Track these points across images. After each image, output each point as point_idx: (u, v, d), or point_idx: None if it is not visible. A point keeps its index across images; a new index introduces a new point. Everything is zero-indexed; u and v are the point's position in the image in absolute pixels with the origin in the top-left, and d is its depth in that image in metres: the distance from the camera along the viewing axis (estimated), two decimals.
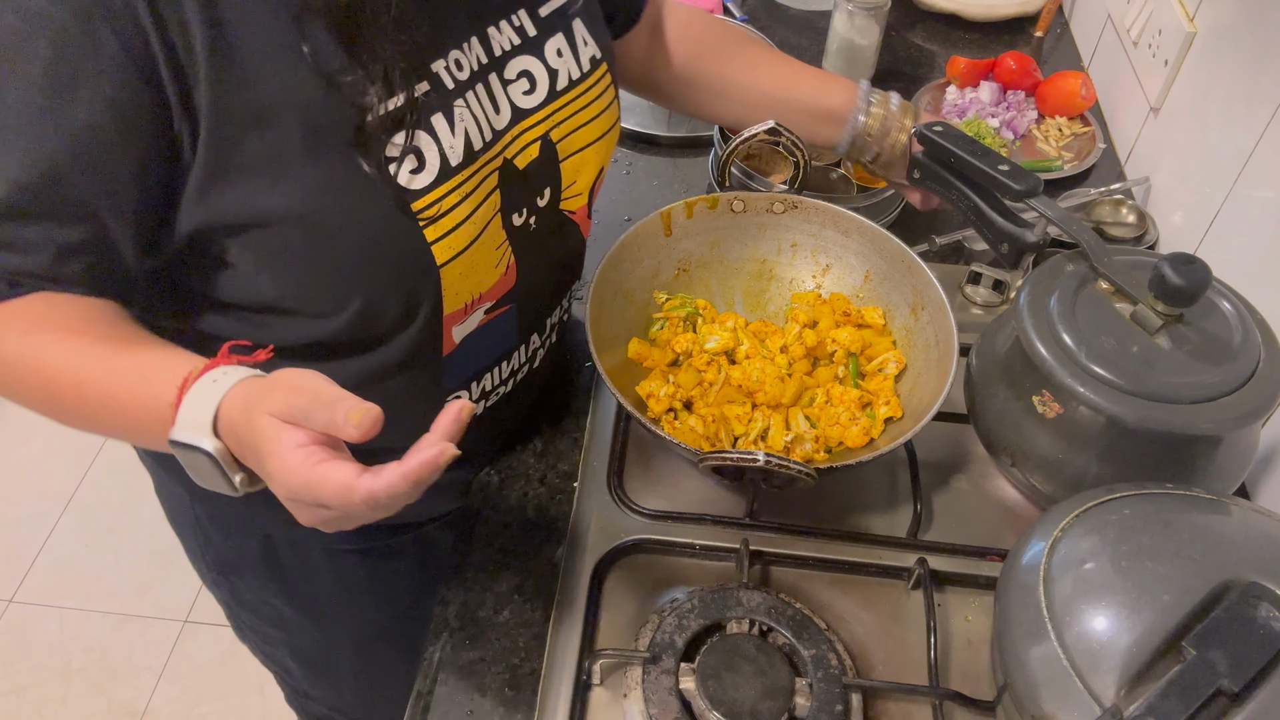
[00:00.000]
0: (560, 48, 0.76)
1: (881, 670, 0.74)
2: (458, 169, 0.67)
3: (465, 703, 0.74)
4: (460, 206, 0.68)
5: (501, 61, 0.72)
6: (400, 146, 0.64)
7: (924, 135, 0.88)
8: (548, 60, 0.75)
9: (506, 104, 0.72)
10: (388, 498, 0.50)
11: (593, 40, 0.79)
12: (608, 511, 0.83)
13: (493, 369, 0.81)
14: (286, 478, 0.52)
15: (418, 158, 0.65)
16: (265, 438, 0.52)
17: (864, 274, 0.93)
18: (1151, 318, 0.73)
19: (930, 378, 0.84)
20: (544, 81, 0.75)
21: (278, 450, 0.52)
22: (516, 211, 0.74)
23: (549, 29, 0.75)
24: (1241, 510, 0.67)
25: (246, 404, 0.55)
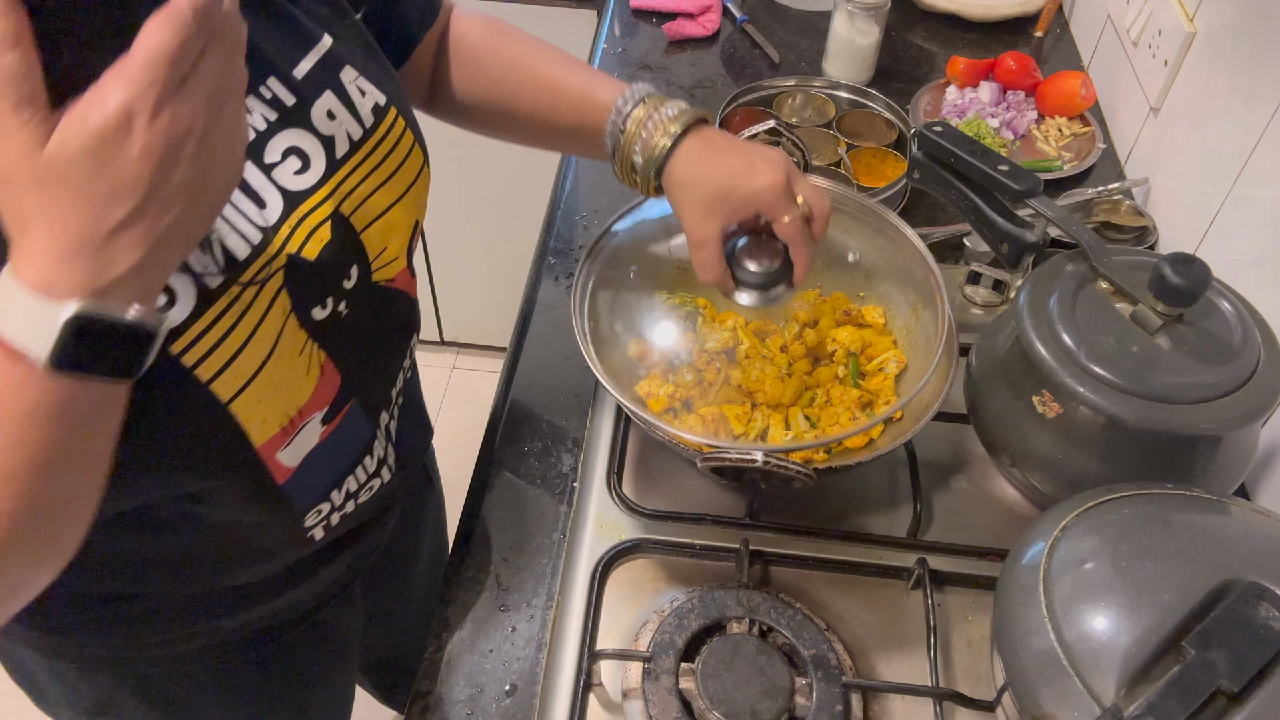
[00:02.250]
0: (331, 108, 0.64)
1: (881, 670, 0.74)
2: (221, 290, 0.56)
3: (465, 703, 0.74)
4: (236, 330, 0.57)
5: (257, 146, 0.60)
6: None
7: (924, 135, 0.88)
8: (317, 128, 0.63)
9: (275, 192, 0.60)
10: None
11: (371, 85, 0.67)
12: (608, 511, 0.83)
13: (354, 470, 0.72)
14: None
15: (165, 291, 0.53)
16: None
17: (865, 274, 0.93)
18: (1151, 318, 0.73)
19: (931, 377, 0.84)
20: (318, 153, 0.63)
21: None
22: (318, 305, 0.64)
23: (312, 90, 0.63)
24: (1241, 510, 0.67)
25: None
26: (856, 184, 1.13)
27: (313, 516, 0.70)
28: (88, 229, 0.44)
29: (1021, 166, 0.84)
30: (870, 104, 1.24)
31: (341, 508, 0.72)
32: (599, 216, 1.15)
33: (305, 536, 0.71)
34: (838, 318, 0.92)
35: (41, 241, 0.44)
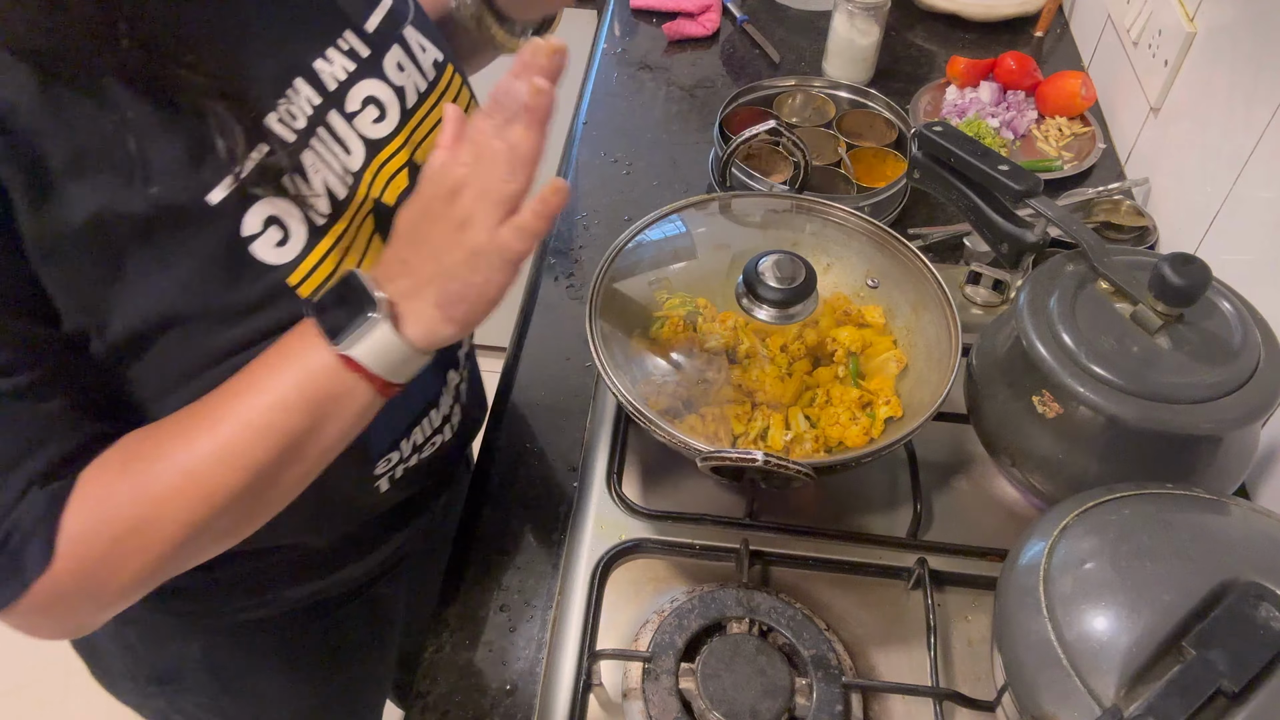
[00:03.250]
0: (400, 61, 0.69)
1: (881, 670, 0.74)
2: (326, 227, 0.61)
3: (465, 703, 0.74)
4: (344, 265, 0.62)
5: (339, 95, 0.64)
6: (257, 221, 0.58)
7: (924, 135, 0.88)
8: (390, 79, 0.68)
9: (357, 140, 0.65)
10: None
11: (430, 43, 0.72)
12: (608, 511, 0.83)
13: (421, 421, 0.77)
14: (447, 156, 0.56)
15: (280, 227, 0.59)
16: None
17: (864, 273, 0.93)
18: (1151, 318, 0.73)
19: (931, 377, 0.84)
20: (393, 103, 0.67)
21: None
22: None
23: (382, 44, 0.68)
24: (1241, 510, 0.67)
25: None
26: (857, 184, 1.13)
27: (383, 465, 0.75)
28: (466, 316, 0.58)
29: (1021, 166, 0.84)
30: (870, 104, 1.24)
31: (407, 459, 0.77)
32: (599, 216, 1.15)
33: (373, 486, 0.76)
34: (838, 317, 0.91)
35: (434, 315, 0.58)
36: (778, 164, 1.17)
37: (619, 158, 1.24)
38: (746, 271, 0.78)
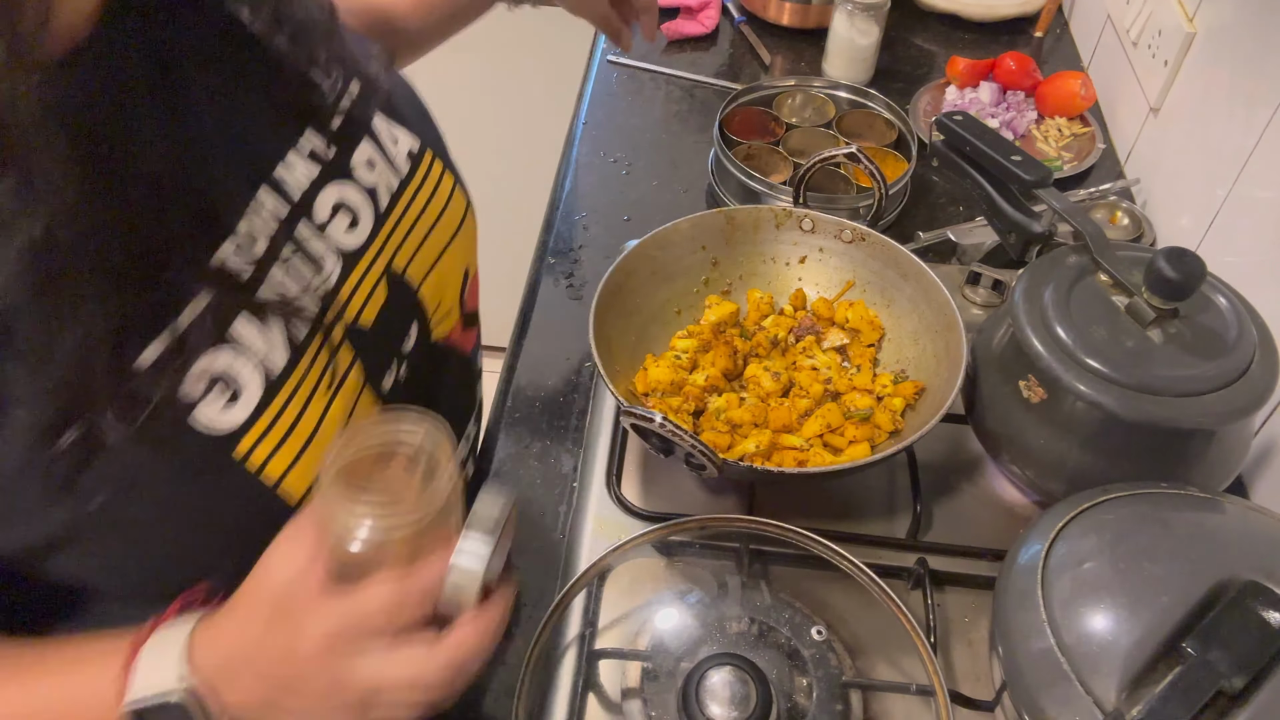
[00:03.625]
0: (370, 157, 0.61)
1: (881, 670, 0.74)
2: (284, 375, 0.52)
3: (465, 703, 0.74)
4: (306, 414, 0.53)
5: (306, 203, 0.56)
6: (198, 383, 0.49)
7: (943, 124, 0.91)
8: (359, 179, 0.60)
9: (330, 253, 0.57)
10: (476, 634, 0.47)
11: (402, 130, 0.65)
12: (607, 512, 0.83)
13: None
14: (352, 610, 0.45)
15: (226, 383, 0.50)
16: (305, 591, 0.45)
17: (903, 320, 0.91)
18: (1146, 311, 0.73)
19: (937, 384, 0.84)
20: (365, 206, 0.60)
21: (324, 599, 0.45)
22: (386, 374, 0.61)
23: (349, 139, 0.60)
24: (1238, 508, 0.67)
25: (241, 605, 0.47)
26: (857, 184, 1.13)
27: None
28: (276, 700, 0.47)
29: (1034, 158, 0.85)
30: (870, 104, 1.24)
31: None
32: (599, 216, 1.15)
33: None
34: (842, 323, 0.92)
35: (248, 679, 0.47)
36: (776, 164, 1.17)
37: (619, 158, 1.24)
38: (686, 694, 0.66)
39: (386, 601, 0.45)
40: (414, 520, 0.45)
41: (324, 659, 0.45)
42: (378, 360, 0.60)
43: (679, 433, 0.69)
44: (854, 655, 0.74)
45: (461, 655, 0.46)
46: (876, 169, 0.90)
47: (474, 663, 0.47)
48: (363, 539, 0.45)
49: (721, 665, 0.66)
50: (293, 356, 0.53)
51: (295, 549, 0.47)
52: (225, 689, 0.47)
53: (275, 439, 0.52)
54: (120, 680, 0.47)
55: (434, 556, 0.46)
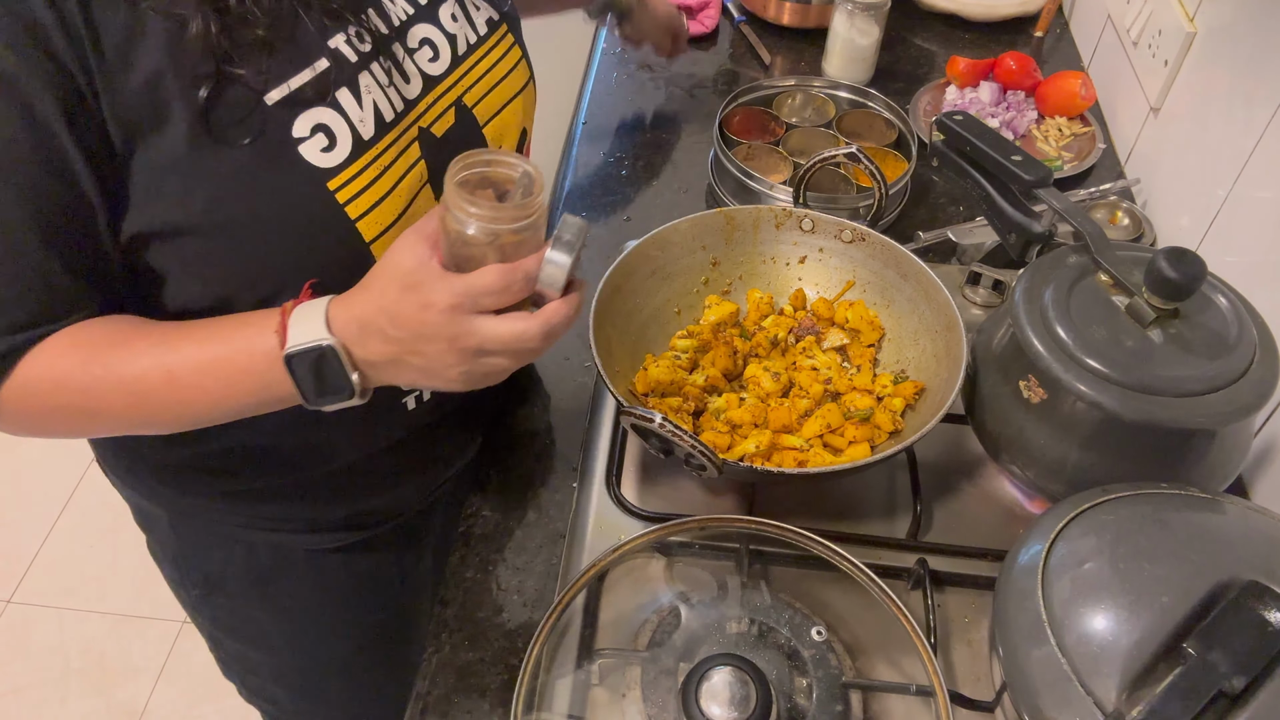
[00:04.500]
0: (454, 12, 0.75)
1: (881, 670, 0.74)
2: (371, 142, 0.67)
3: (465, 703, 0.74)
4: (381, 179, 0.67)
5: (401, 31, 0.71)
6: (306, 126, 0.64)
7: (943, 123, 0.90)
8: (444, 25, 0.74)
9: (416, 73, 0.71)
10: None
11: (485, 3, 0.79)
12: (607, 512, 0.83)
13: None
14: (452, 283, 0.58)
15: (327, 135, 0.64)
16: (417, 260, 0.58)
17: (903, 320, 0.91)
18: (1146, 311, 0.73)
19: (937, 384, 0.84)
20: (445, 47, 0.74)
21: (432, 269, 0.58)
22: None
23: None
24: (1238, 508, 0.67)
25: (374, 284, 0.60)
26: (857, 184, 1.13)
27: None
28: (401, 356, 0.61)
29: (1034, 158, 0.85)
30: (870, 104, 1.24)
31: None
32: (599, 216, 1.15)
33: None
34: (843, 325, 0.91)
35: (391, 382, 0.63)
36: (776, 164, 1.17)
37: (619, 157, 1.24)
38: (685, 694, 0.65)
39: (498, 279, 0.58)
40: (516, 221, 0.58)
41: (450, 315, 0.58)
42: (439, 168, 0.72)
43: (679, 433, 0.69)
44: (854, 655, 0.74)
45: (553, 324, 0.60)
46: (876, 169, 0.90)
47: (560, 330, 0.61)
48: (476, 231, 0.58)
49: (721, 665, 0.66)
50: (377, 131, 0.67)
51: (418, 243, 0.59)
52: (356, 347, 0.61)
53: (359, 186, 0.66)
54: (279, 334, 0.61)
55: (531, 255, 0.59)
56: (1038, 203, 0.87)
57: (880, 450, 0.81)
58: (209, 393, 0.64)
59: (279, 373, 0.61)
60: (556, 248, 0.59)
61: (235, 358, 0.63)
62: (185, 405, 0.65)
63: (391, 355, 0.61)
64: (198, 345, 0.63)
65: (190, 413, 0.66)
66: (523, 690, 0.68)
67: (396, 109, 0.69)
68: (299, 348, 0.60)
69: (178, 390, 0.63)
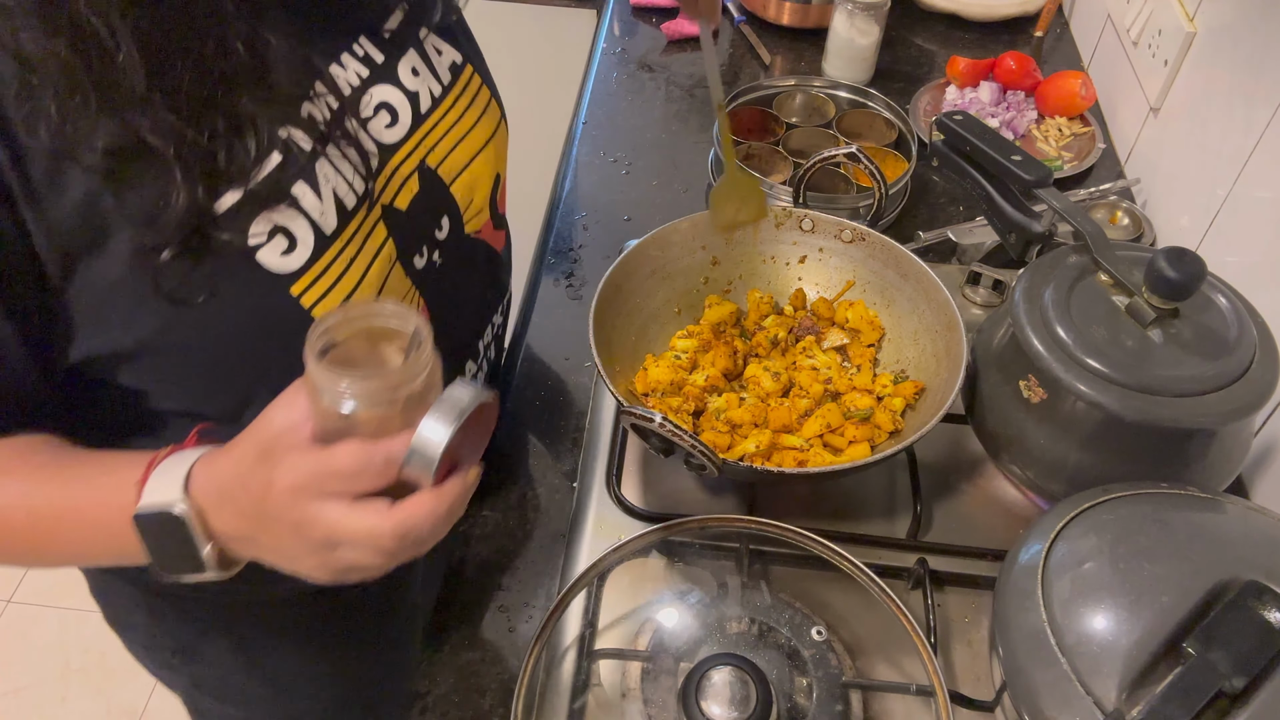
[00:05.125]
0: (414, 65, 0.69)
1: (881, 670, 0.74)
2: (334, 235, 0.62)
3: (465, 704, 0.74)
4: (348, 273, 0.63)
5: (354, 100, 0.65)
6: (264, 230, 0.58)
7: (943, 123, 0.90)
8: (404, 83, 0.68)
9: (370, 144, 0.65)
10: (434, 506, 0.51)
11: (448, 45, 0.73)
12: (607, 512, 0.83)
13: None
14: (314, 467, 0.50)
15: (286, 236, 0.59)
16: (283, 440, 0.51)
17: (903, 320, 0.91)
18: (1146, 310, 0.73)
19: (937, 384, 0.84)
20: (405, 109, 0.68)
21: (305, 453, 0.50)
22: (416, 254, 0.69)
23: (398, 48, 0.69)
24: (1238, 508, 0.67)
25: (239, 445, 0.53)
26: (856, 184, 1.13)
27: None
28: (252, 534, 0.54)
29: (1034, 158, 0.85)
30: (870, 104, 1.24)
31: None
32: (598, 216, 1.15)
33: None
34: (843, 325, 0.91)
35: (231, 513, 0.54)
36: (776, 164, 1.17)
37: (619, 158, 1.24)
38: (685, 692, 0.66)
39: (353, 460, 0.50)
40: (390, 393, 0.50)
41: (291, 498, 0.51)
42: (408, 241, 0.68)
43: (679, 433, 0.69)
44: (854, 655, 0.74)
45: (411, 525, 0.50)
46: (876, 169, 0.90)
47: (423, 534, 0.51)
48: (343, 404, 0.50)
49: (721, 665, 0.66)
50: (340, 222, 0.62)
51: (293, 405, 0.52)
52: (213, 516, 0.54)
53: (324, 286, 0.61)
54: (135, 491, 0.54)
55: (405, 432, 0.50)
56: (1038, 203, 0.87)
57: (880, 450, 0.81)
58: (66, 542, 0.59)
59: (131, 531, 0.54)
60: (433, 422, 0.49)
61: (91, 509, 0.57)
62: (45, 551, 0.61)
63: (244, 532, 0.54)
64: (61, 487, 0.58)
65: (54, 557, 0.62)
66: (523, 690, 0.68)
67: (358, 191, 0.63)
68: (148, 510, 0.54)
69: (37, 533, 0.59)
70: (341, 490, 0.50)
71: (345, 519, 0.51)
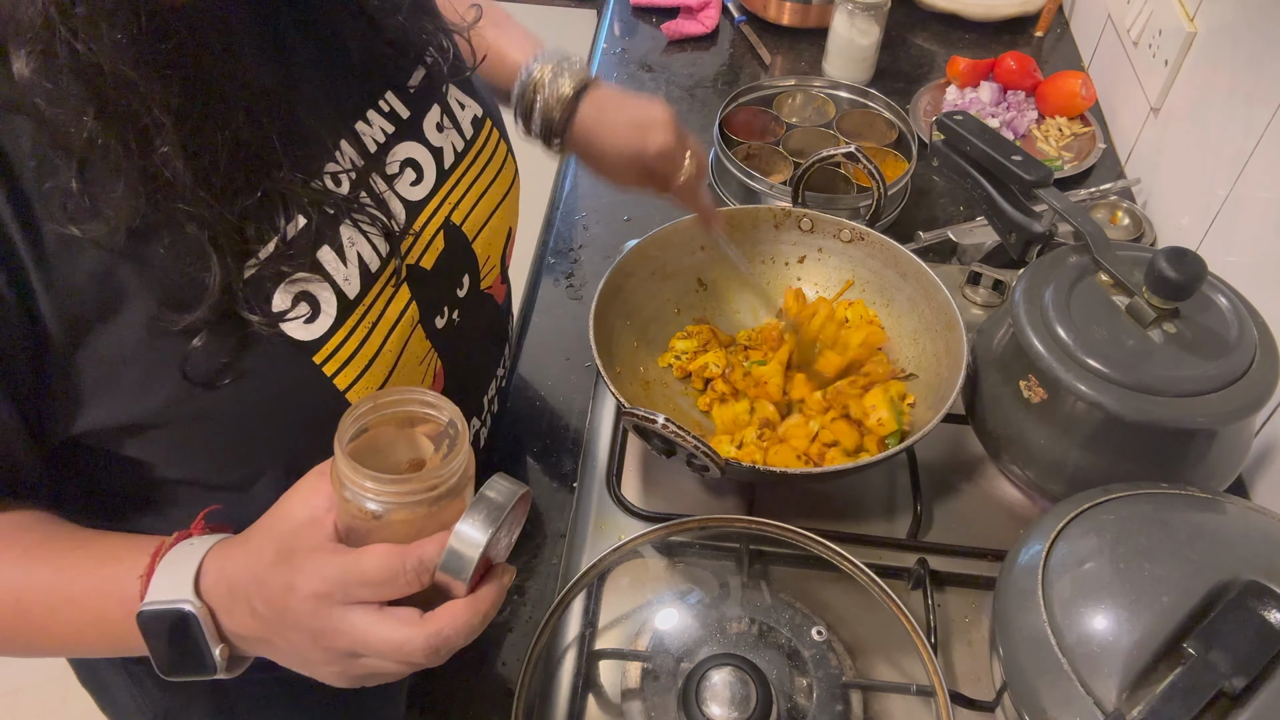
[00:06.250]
0: (439, 121, 0.68)
1: (881, 670, 0.74)
2: (358, 300, 0.59)
3: (465, 704, 0.74)
4: (371, 337, 0.60)
5: (379, 158, 0.63)
6: (286, 299, 0.55)
7: (943, 123, 0.91)
8: (429, 140, 0.67)
9: (397, 203, 0.63)
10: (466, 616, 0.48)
11: (469, 98, 0.71)
12: (607, 512, 0.83)
13: None
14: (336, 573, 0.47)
15: (309, 303, 0.56)
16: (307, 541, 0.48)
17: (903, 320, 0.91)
18: (1146, 310, 0.73)
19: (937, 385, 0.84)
20: (429, 165, 0.66)
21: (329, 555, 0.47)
22: (438, 315, 0.67)
23: (423, 103, 0.67)
24: (1238, 508, 0.67)
25: (254, 538, 0.50)
26: (856, 184, 1.13)
27: None
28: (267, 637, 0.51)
29: (1034, 158, 0.85)
30: (870, 104, 1.24)
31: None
32: (599, 216, 1.15)
33: None
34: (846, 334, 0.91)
35: (244, 613, 0.50)
36: (776, 164, 1.17)
37: None
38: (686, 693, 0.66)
39: (383, 567, 0.47)
40: (423, 495, 0.47)
41: (314, 605, 0.47)
42: (432, 302, 0.66)
43: (681, 433, 0.69)
44: (854, 655, 0.74)
45: (444, 636, 0.47)
46: (875, 168, 0.90)
47: (456, 643, 0.48)
48: (371, 504, 0.47)
49: (722, 665, 0.66)
50: (363, 285, 0.59)
51: (314, 496, 0.50)
52: (224, 616, 0.50)
53: (347, 353, 0.58)
54: (139, 584, 0.51)
55: (438, 534, 0.47)
56: (1038, 203, 0.87)
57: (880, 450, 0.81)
58: (60, 635, 0.55)
59: (132, 627, 0.51)
60: (469, 524, 0.46)
61: (90, 600, 0.53)
62: (34, 642, 0.56)
63: (259, 634, 0.50)
64: (56, 573, 0.54)
65: (44, 648, 0.57)
66: (523, 691, 0.68)
67: (382, 253, 0.60)
68: (155, 607, 0.50)
69: (26, 624, 0.54)
70: (369, 598, 0.47)
71: (373, 629, 0.47)
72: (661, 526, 0.77)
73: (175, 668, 0.52)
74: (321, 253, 0.57)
